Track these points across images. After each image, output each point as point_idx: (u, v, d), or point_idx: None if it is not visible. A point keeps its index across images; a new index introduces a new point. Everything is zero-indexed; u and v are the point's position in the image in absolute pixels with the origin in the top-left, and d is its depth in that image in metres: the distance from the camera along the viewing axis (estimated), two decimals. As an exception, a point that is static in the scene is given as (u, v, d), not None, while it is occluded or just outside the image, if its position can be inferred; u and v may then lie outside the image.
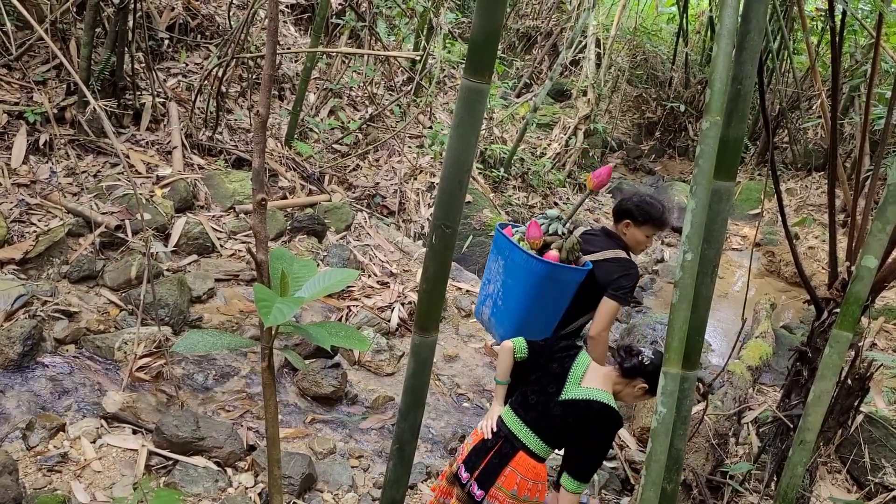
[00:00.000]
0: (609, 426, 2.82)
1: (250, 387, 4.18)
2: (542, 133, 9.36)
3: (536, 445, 2.85)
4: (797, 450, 2.46)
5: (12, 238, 4.39)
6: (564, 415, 2.82)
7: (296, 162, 6.33)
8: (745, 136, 2.30)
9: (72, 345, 4.02)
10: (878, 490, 3.83)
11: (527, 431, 2.86)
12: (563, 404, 2.82)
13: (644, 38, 11.62)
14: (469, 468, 2.90)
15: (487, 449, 2.89)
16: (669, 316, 1.99)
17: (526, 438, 2.85)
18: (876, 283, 2.69)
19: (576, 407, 2.81)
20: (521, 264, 3.25)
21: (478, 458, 2.89)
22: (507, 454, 2.85)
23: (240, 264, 5.02)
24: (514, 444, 2.86)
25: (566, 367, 2.89)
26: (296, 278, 2.09)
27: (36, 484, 3.13)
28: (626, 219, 3.51)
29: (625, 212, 3.52)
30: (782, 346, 5.53)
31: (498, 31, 2.02)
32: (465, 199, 2.18)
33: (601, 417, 2.80)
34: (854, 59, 9.47)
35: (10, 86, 5.30)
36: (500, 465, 2.83)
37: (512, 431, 2.88)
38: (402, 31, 7.83)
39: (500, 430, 2.91)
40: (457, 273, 5.95)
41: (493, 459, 2.85)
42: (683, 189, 9.53)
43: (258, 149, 1.98)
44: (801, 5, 3.86)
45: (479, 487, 2.84)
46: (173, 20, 6.64)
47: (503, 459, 2.84)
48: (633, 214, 3.48)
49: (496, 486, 2.82)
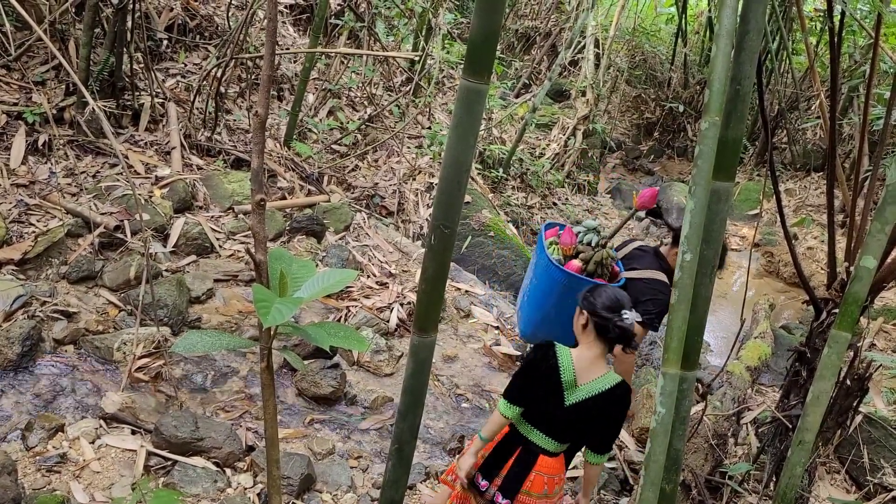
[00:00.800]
0: (626, 401, 2.84)
1: (249, 387, 4.18)
2: (541, 133, 9.35)
3: (554, 447, 2.86)
4: (796, 450, 2.46)
5: (11, 238, 4.39)
6: (577, 418, 2.81)
7: (295, 162, 6.33)
8: (743, 136, 2.30)
9: (71, 345, 4.02)
10: (877, 490, 3.83)
11: (543, 437, 2.85)
12: (570, 410, 2.80)
13: (643, 38, 11.62)
14: (487, 476, 2.89)
15: (505, 456, 2.88)
16: (668, 316, 2.00)
17: (544, 443, 2.85)
18: (875, 284, 2.69)
19: (586, 407, 2.79)
20: (544, 268, 3.29)
21: (496, 465, 2.88)
22: (527, 461, 2.85)
23: (239, 265, 5.02)
24: (532, 450, 2.86)
25: (555, 379, 2.80)
26: (295, 279, 2.09)
27: (35, 484, 3.13)
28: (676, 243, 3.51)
29: (675, 236, 3.53)
30: (781, 347, 5.53)
31: (497, 32, 2.02)
32: (463, 200, 2.18)
33: (618, 401, 2.80)
34: (853, 60, 9.48)
35: (8, 86, 5.29)
36: (523, 473, 2.84)
37: (528, 438, 2.87)
38: (401, 32, 7.83)
39: (516, 438, 2.90)
40: (456, 273, 5.95)
41: (514, 468, 2.85)
42: (682, 189, 9.53)
43: (257, 149, 1.98)
44: (800, 6, 3.87)
45: (503, 497, 2.84)
46: (172, 21, 6.64)
47: (525, 467, 2.84)
48: (676, 238, 3.48)
49: (523, 493, 2.83)
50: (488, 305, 5.64)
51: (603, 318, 2.73)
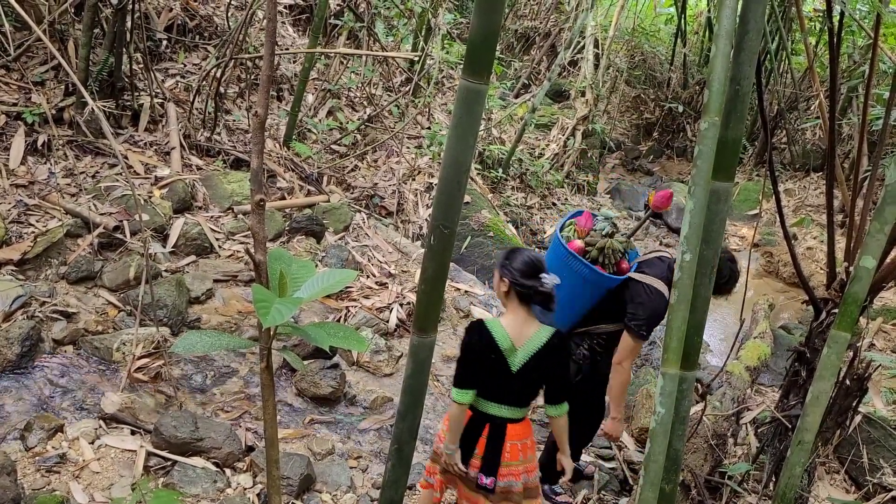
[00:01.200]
0: (565, 348, 2.93)
1: (249, 387, 4.18)
2: (541, 134, 9.35)
3: (518, 413, 2.93)
4: (796, 450, 2.47)
5: (10, 239, 4.38)
6: (527, 380, 2.86)
7: (294, 162, 6.33)
8: (743, 136, 2.31)
9: (70, 346, 4.01)
10: (876, 490, 3.83)
11: (504, 408, 2.90)
12: (518, 374, 2.84)
13: (642, 38, 11.62)
14: (464, 461, 2.92)
15: (476, 437, 2.92)
16: (668, 316, 2.00)
17: (507, 413, 2.90)
18: (874, 284, 2.69)
19: (532, 368, 2.84)
20: (553, 241, 3.46)
21: (469, 448, 2.92)
22: (498, 434, 2.89)
23: (238, 265, 5.01)
24: (498, 423, 2.90)
25: (495, 351, 2.82)
26: (294, 279, 2.10)
27: (34, 485, 3.13)
28: None
29: None
30: (781, 347, 5.54)
31: (496, 32, 2.02)
32: (463, 200, 2.18)
33: (556, 350, 2.86)
34: (852, 60, 9.48)
35: (8, 86, 5.29)
36: (498, 446, 2.88)
37: (491, 413, 2.91)
38: (401, 32, 7.83)
39: (480, 416, 2.93)
40: (455, 274, 5.95)
41: (489, 445, 2.89)
42: (682, 190, 9.53)
43: (256, 149, 1.98)
44: (800, 6, 3.87)
45: (487, 476, 2.88)
46: (171, 21, 6.64)
47: (498, 441, 2.89)
48: None
49: (503, 465, 2.87)
50: (488, 306, 5.64)
51: (524, 286, 2.77)
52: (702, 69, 11.38)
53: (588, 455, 4.23)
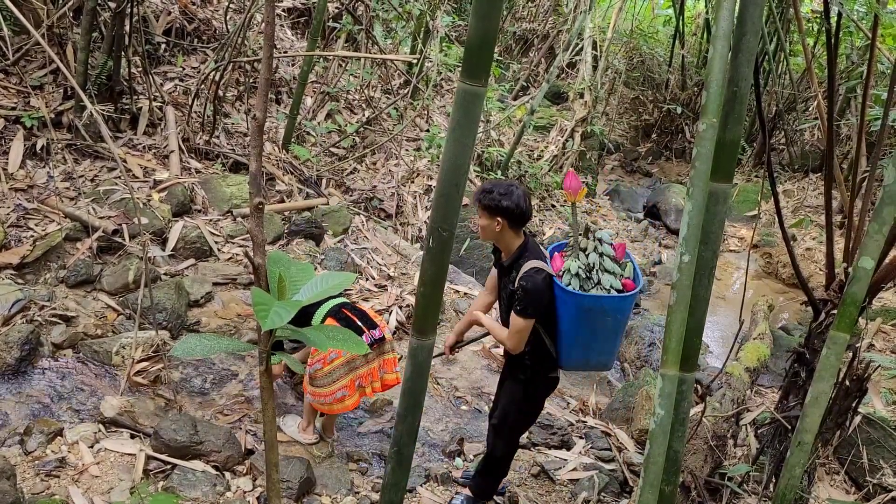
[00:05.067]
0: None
1: (248, 390, 4.18)
2: (539, 136, 9.36)
3: None
4: (795, 451, 2.46)
5: (9, 243, 4.38)
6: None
7: (293, 165, 6.33)
8: (741, 137, 2.31)
9: (69, 349, 4.01)
10: (876, 491, 3.83)
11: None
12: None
13: (641, 40, 11.64)
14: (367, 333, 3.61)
15: (351, 318, 3.65)
16: (667, 318, 2.00)
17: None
18: (873, 285, 2.69)
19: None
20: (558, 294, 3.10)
21: (356, 325, 3.60)
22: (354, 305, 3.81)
23: (237, 268, 5.01)
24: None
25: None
26: (293, 282, 2.10)
27: (34, 489, 3.12)
28: None
29: None
30: (780, 348, 5.53)
31: (494, 35, 2.02)
32: (462, 203, 2.19)
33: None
34: (850, 61, 9.50)
35: (6, 90, 5.29)
36: (362, 312, 3.75)
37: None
38: (399, 35, 7.84)
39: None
40: (454, 276, 5.95)
41: (354, 312, 3.69)
42: (680, 191, 9.54)
43: (255, 153, 1.98)
44: (797, 7, 3.87)
45: (375, 331, 3.66)
46: (170, 24, 6.65)
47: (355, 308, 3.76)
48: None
49: (373, 320, 3.71)
50: (487, 308, 5.63)
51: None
52: (700, 70, 11.39)
53: (588, 457, 4.23)
